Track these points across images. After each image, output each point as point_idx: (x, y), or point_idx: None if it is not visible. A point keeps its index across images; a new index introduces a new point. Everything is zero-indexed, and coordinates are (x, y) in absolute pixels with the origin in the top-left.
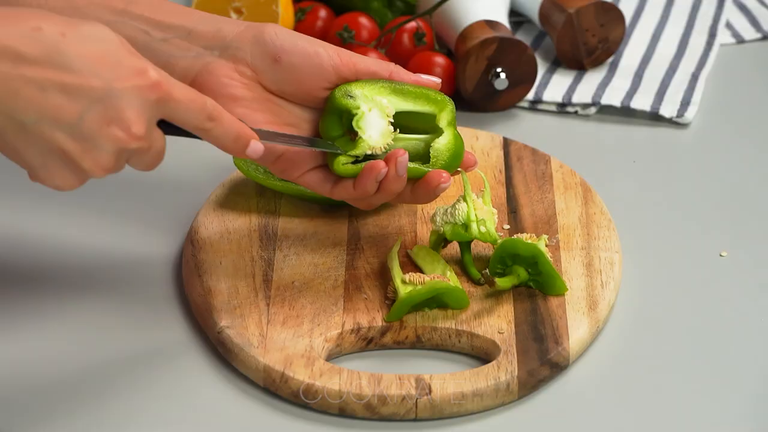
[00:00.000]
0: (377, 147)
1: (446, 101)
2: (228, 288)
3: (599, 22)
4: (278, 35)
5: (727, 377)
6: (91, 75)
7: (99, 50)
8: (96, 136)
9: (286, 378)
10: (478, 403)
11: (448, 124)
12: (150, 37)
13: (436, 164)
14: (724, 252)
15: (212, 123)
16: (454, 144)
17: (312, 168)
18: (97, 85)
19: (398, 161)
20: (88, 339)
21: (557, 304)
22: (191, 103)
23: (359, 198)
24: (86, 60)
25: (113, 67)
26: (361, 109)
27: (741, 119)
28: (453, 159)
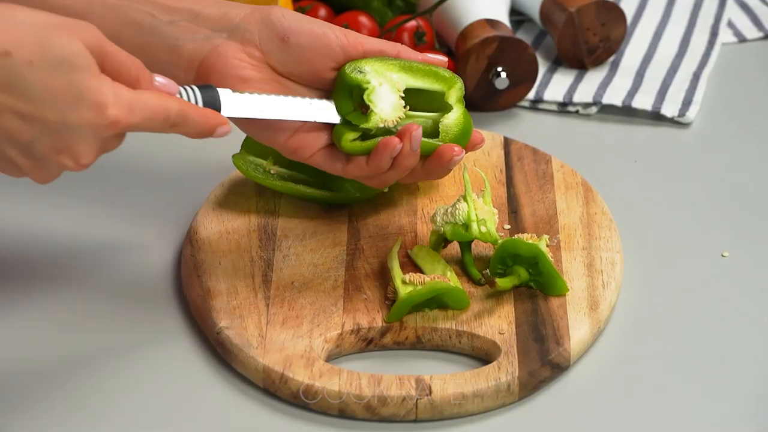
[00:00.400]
0: (389, 120)
1: (455, 79)
2: (227, 288)
3: (600, 21)
4: (285, 16)
5: (729, 378)
6: (48, 107)
7: (63, 82)
8: (45, 159)
9: (285, 379)
10: (478, 404)
11: (457, 101)
12: (156, 20)
13: (446, 138)
14: (725, 252)
15: (176, 128)
16: (463, 121)
17: (323, 147)
18: (53, 118)
19: (413, 136)
20: (86, 339)
21: (558, 304)
22: (152, 122)
23: (372, 175)
24: (47, 92)
25: (73, 102)
26: (371, 84)
27: (743, 119)
28: (462, 134)
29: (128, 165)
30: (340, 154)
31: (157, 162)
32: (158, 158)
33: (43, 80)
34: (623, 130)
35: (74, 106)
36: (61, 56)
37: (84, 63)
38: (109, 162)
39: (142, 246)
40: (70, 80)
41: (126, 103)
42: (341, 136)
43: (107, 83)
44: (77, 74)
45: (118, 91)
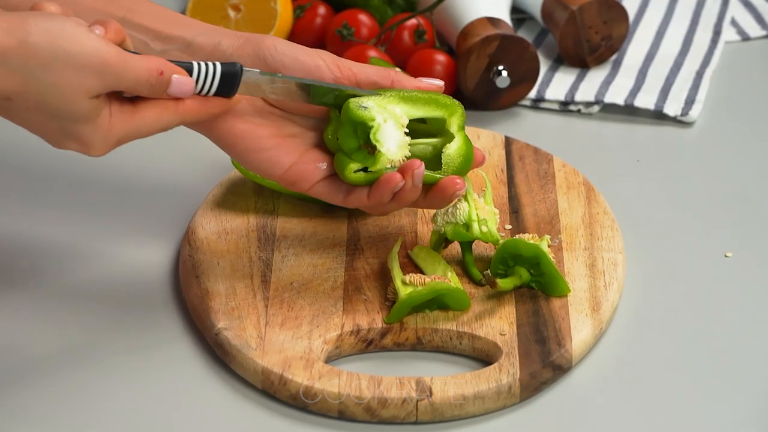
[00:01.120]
0: (396, 160)
1: (456, 105)
2: (225, 289)
3: (602, 19)
4: (277, 49)
5: (733, 379)
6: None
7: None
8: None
9: (284, 380)
10: (479, 406)
11: (458, 129)
12: (149, 48)
13: (448, 170)
14: (729, 252)
15: (156, 86)
16: (465, 149)
17: (322, 179)
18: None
19: (415, 174)
20: (83, 340)
21: (560, 305)
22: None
23: (373, 207)
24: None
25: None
26: (376, 121)
27: (746, 117)
28: (464, 164)
29: (126, 165)
30: (341, 184)
31: (155, 162)
32: (156, 158)
33: (37, 121)
34: (625, 130)
35: (64, 141)
36: (57, 108)
37: (79, 114)
38: (107, 162)
39: (139, 246)
40: (62, 126)
41: (114, 142)
42: (345, 167)
43: (99, 130)
44: (70, 124)
45: (108, 133)
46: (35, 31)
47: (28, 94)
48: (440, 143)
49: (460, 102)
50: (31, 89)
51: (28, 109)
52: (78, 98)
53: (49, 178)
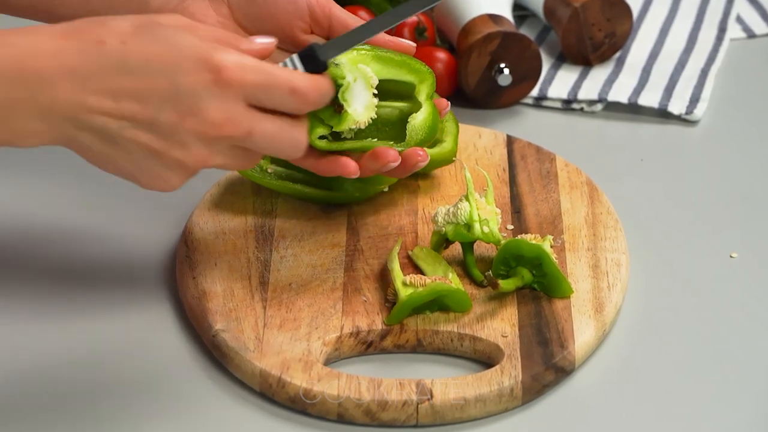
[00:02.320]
0: (361, 122)
1: (427, 73)
2: (223, 290)
3: (606, 16)
4: None
5: (738, 381)
6: (157, 78)
7: (163, 52)
8: (174, 132)
9: (283, 383)
10: (480, 409)
11: (426, 98)
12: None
13: (411, 141)
14: (734, 253)
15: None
16: (431, 120)
17: None
18: (164, 86)
19: (416, 165)
20: (79, 341)
21: (562, 306)
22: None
23: (339, 174)
24: (149, 62)
25: (178, 67)
26: (346, 80)
27: (752, 116)
28: (429, 135)
29: None
30: (312, 149)
31: None
32: None
33: (140, 52)
34: (629, 128)
35: (180, 68)
36: (152, 25)
37: (178, 24)
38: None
39: (136, 247)
40: (168, 48)
41: (234, 59)
42: (311, 131)
43: (206, 40)
44: (173, 42)
45: (222, 47)
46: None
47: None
48: (407, 108)
49: (432, 72)
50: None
51: (142, 126)
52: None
53: (45, 178)
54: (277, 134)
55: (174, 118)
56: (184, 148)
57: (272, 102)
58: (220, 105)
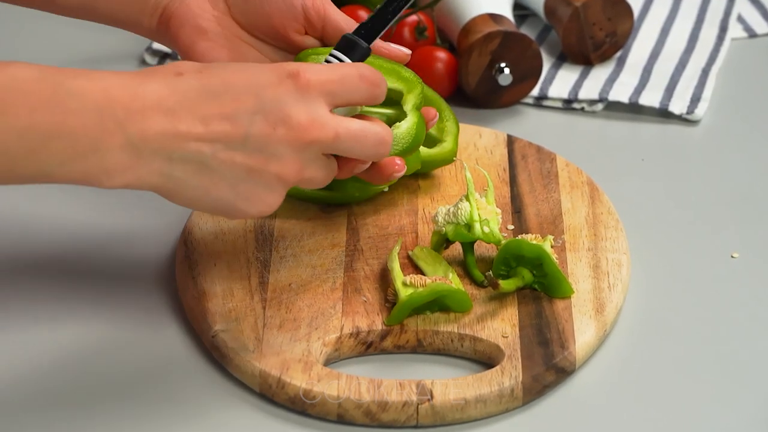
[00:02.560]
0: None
1: (416, 82)
2: (223, 290)
3: (607, 15)
4: None
5: (740, 382)
6: (241, 95)
7: (239, 73)
8: (267, 144)
9: (282, 383)
10: (481, 410)
11: (412, 108)
12: None
13: (394, 149)
14: (735, 253)
15: (377, 90)
16: (415, 130)
17: None
18: (250, 101)
19: (392, 175)
20: (76, 343)
21: (563, 307)
22: (349, 81)
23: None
24: (230, 84)
25: (257, 81)
26: None
27: (753, 116)
28: (411, 146)
29: None
30: None
31: None
32: None
33: (218, 77)
34: (630, 128)
35: (259, 82)
36: (214, 63)
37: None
38: None
39: (134, 247)
40: (240, 67)
41: (305, 65)
42: None
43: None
44: (239, 63)
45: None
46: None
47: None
48: (393, 115)
49: (422, 81)
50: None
51: (235, 145)
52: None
53: None
54: (362, 132)
55: (266, 129)
56: (280, 160)
57: (349, 94)
58: (306, 108)
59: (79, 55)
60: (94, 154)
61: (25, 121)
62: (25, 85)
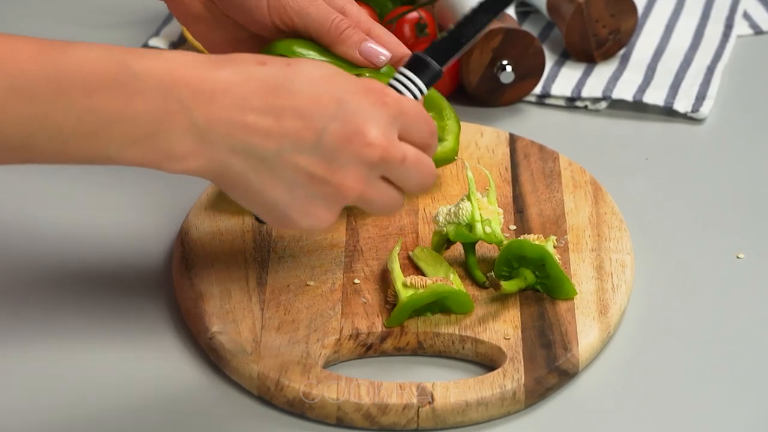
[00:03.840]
0: None
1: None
2: (220, 291)
3: (610, 12)
4: None
5: (745, 384)
6: (323, 96)
7: (326, 74)
8: (338, 153)
9: (281, 386)
10: (482, 413)
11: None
12: None
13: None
14: (741, 254)
15: (434, 139)
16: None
17: None
18: (331, 105)
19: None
20: (72, 344)
21: (566, 308)
22: (419, 117)
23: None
24: (316, 83)
25: (344, 87)
26: None
27: (759, 114)
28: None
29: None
30: None
31: None
32: None
33: (307, 75)
34: (634, 127)
35: (346, 89)
36: (311, 61)
37: (333, 66)
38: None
39: (130, 247)
40: (330, 73)
41: (392, 91)
42: None
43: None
44: (333, 70)
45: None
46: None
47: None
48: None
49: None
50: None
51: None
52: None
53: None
54: (420, 161)
55: (340, 137)
56: (346, 173)
57: (417, 133)
58: (384, 127)
59: None
60: (157, 138)
61: (84, 103)
62: (87, 65)
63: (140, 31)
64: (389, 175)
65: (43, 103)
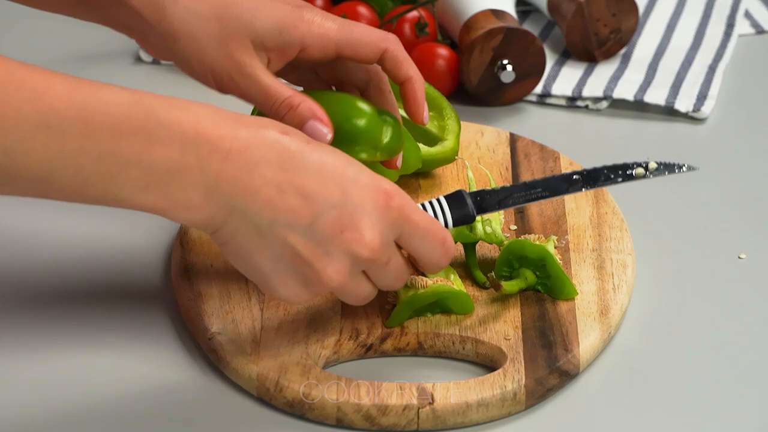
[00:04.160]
0: None
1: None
2: (219, 292)
3: (611, 11)
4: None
5: (747, 385)
6: (330, 182)
7: (340, 162)
8: (328, 241)
9: (280, 387)
10: (483, 414)
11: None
12: None
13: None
14: (742, 254)
15: (446, 258)
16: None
17: None
18: (335, 193)
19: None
20: (70, 345)
21: (567, 308)
22: (429, 234)
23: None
24: (327, 168)
25: (353, 179)
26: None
27: (760, 113)
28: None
29: None
30: None
31: None
32: None
33: (322, 158)
34: (635, 126)
35: (355, 183)
36: (331, 149)
37: (352, 158)
38: None
39: (129, 247)
40: (346, 163)
41: (404, 196)
42: None
43: (380, 176)
44: (350, 161)
45: (395, 188)
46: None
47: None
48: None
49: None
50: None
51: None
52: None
53: None
54: (401, 270)
55: (334, 227)
56: (330, 261)
57: (421, 247)
58: (381, 228)
59: (71, 52)
60: (169, 187)
61: (107, 146)
62: (117, 109)
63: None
64: (369, 272)
65: (70, 141)
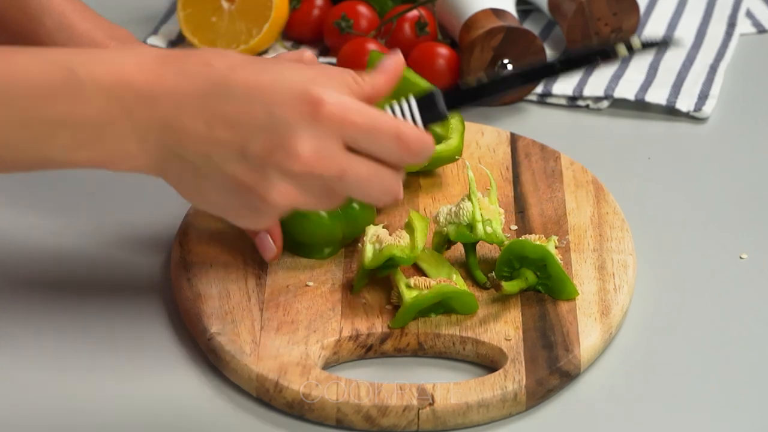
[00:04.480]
0: None
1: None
2: (219, 292)
3: (612, 10)
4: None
5: (748, 385)
6: (255, 105)
7: (266, 80)
8: (263, 165)
9: (280, 387)
10: (483, 414)
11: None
12: None
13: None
14: (744, 254)
15: (408, 152)
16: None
17: None
18: (260, 114)
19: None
20: (69, 345)
21: (567, 309)
22: (376, 131)
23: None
24: (251, 91)
25: (279, 96)
26: None
27: (762, 113)
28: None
29: None
30: None
31: None
32: None
33: (245, 80)
34: (636, 126)
35: (281, 97)
36: (264, 60)
37: (291, 59)
38: None
39: (128, 247)
40: (274, 75)
41: (337, 98)
42: None
43: (317, 78)
44: (282, 69)
45: (327, 84)
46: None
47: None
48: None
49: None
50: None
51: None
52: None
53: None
54: (370, 179)
55: (264, 150)
56: (271, 184)
57: (373, 147)
58: (313, 141)
59: None
60: (101, 142)
61: (30, 112)
62: (33, 75)
63: (138, 30)
64: (336, 188)
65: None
